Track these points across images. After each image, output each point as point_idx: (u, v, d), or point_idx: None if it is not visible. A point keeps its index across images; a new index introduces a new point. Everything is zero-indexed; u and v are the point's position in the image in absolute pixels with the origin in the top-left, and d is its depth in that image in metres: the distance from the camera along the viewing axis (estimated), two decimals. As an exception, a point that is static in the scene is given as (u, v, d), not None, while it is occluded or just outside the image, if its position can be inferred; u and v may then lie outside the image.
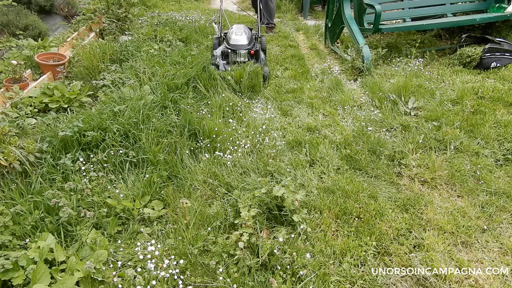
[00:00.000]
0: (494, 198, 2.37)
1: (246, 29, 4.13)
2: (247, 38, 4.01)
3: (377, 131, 3.10)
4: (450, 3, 4.78)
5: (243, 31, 4.05)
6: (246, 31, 4.08)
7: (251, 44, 4.02)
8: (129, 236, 2.13)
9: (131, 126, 2.76)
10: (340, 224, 2.19)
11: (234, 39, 3.96)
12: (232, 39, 3.97)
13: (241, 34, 4.00)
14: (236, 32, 4.04)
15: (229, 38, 4.03)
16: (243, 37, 3.99)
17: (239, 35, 3.99)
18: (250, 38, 4.06)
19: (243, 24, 4.32)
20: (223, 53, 3.97)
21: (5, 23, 4.33)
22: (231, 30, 4.10)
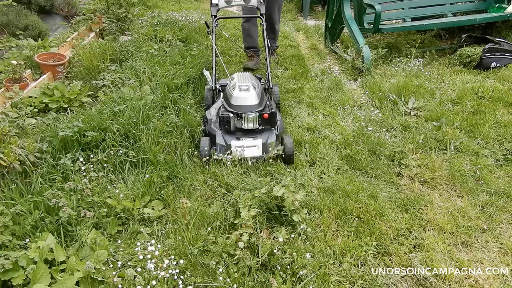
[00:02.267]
0: (494, 198, 2.37)
1: (253, 80, 2.91)
2: (256, 94, 2.75)
3: (377, 131, 3.10)
4: (450, 3, 4.78)
5: (250, 83, 2.81)
6: (254, 83, 2.85)
7: (262, 102, 2.77)
8: (129, 236, 2.13)
9: (131, 126, 2.76)
10: (340, 224, 2.19)
11: (238, 98, 2.72)
12: (234, 97, 2.73)
13: (247, 89, 2.76)
14: (241, 85, 2.78)
15: (229, 95, 2.77)
16: (251, 93, 2.74)
17: (245, 91, 2.75)
18: (261, 94, 2.81)
19: (249, 73, 3.09)
20: (222, 118, 2.69)
21: (5, 23, 4.33)
22: (233, 83, 2.85)
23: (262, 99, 2.78)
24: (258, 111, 2.68)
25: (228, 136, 2.70)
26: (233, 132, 2.72)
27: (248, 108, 2.68)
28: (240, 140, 2.67)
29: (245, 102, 2.69)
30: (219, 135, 2.70)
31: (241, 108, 2.68)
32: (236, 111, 2.68)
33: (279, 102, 3.37)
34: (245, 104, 2.69)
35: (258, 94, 2.75)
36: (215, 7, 3.42)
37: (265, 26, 3.37)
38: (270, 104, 2.81)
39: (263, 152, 2.64)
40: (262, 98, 2.80)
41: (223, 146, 2.66)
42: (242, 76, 2.95)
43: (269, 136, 2.70)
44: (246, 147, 2.62)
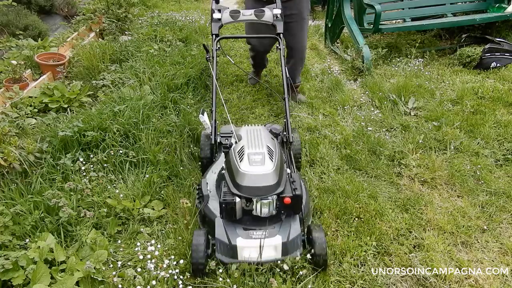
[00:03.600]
0: (494, 198, 2.37)
1: (268, 140, 2.04)
2: (274, 168, 1.85)
3: (377, 131, 3.10)
4: (450, 3, 4.78)
5: (264, 148, 1.93)
6: (270, 146, 1.97)
7: (282, 178, 1.88)
8: (129, 236, 2.13)
9: (131, 126, 2.76)
10: (340, 224, 2.19)
11: (248, 175, 1.82)
12: (243, 173, 1.83)
13: (261, 161, 1.86)
14: (251, 154, 1.89)
15: (235, 168, 1.86)
16: (267, 167, 1.85)
17: (258, 164, 1.85)
18: (280, 165, 1.91)
19: (261, 127, 2.26)
20: (225, 205, 1.82)
21: (5, 23, 4.33)
22: (240, 147, 1.96)
23: (281, 173, 1.88)
24: (277, 193, 1.81)
25: (232, 228, 1.84)
26: (239, 220, 1.87)
27: (263, 190, 1.79)
28: (250, 233, 1.83)
29: (258, 182, 1.79)
30: (219, 226, 1.85)
31: (252, 191, 1.79)
32: (244, 194, 1.79)
33: (300, 156, 2.52)
34: (258, 185, 1.79)
35: (277, 167, 1.85)
36: (216, 23, 2.52)
37: (283, 51, 2.45)
38: (292, 178, 1.87)
39: (282, 254, 1.82)
40: (282, 172, 1.89)
41: (226, 245, 1.80)
42: (253, 134, 2.07)
43: (292, 228, 1.84)
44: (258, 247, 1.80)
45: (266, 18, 2.50)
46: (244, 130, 2.15)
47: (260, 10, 2.46)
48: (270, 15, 2.48)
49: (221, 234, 1.84)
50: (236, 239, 1.80)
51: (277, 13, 2.46)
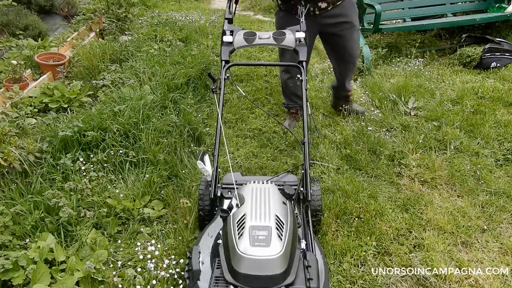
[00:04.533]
0: (494, 198, 2.37)
1: (277, 207, 1.56)
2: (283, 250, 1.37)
3: (377, 131, 3.10)
4: (450, 3, 4.78)
5: (271, 221, 1.46)
6: (279, 216, 1.50)
7: (292, 262, 1.41)
8: (129, 236, 2.13)
9: (131, 126, 2.76)
10: (340, 224, 2.19)
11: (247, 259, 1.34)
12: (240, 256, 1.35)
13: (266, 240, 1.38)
14: (255, 228, 1.42)
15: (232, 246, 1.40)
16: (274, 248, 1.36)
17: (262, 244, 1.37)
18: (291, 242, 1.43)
19: (271, 184, 1.76)
20: None
21: (5, 23, 4.33)
22: (241, 215, 1.50)
23: (292, 256, 1.42)
24: (287, 285, 1.36)
25: None
26: None
27: (266, 281, 1.33)
28: None
29: (260, 270, 1.34)
30: None
31: (251, 281, 1.34)
32: (242, 285, 1.35)
33: (320, 213, 2.02)
34: (261, 275, 1.33)
35: (287, 248, 1.39)
36: (227, 47, 2.18)
37: (305, 83, 2.03)
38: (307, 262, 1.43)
39: None
40: (293, 254, 1.43)
41: None
42: (259, 195, 1.61)
43: None
44: None
45: (287, 43, 2.08)
46: (248, 190, 1.66)
47: (280, 33, 2.09)
48: (292, 39, 2.06)
49: None
50: None
51: (300, 37, 2.06)
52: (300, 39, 2.07)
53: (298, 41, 2.08)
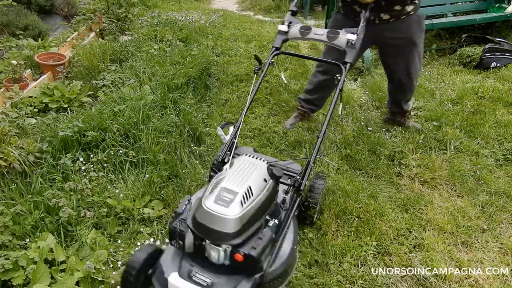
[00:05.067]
0: (494, 198, 2.37)
1: (257, 181, 1.66)
2: (241, 212, 1.53)
3: (377, 131, 3.10)
4: (450, 3, 4.78)
5: (243, 189, 1.58)
6: (253, 189, 1.61)
7: (247, 228, 1.57)
8: (129, 236, 2.13)
9: (131, 126, 2.76)
10: (340, 224, 2.19)
11: (205, 212, 1.53)
12: (202, 206, 1.55)
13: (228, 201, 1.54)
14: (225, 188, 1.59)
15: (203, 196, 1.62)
16: (231, 211, 1.51)
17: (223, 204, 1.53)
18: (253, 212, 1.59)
19: (263, 162, 1.82)
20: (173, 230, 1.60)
21: (5, 23, 4.33)
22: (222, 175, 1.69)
23: (250, 224, 1.57)
24: (232, 245, 1.51)
25: (178, 259, 1.61)
26: (190, 255, 1.61)
27: (213, 235, 1.51)
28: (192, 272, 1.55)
29: (212, 224, 1.51)
30: (168, 251, 1.64)
31: (202, 230, 1.53)
32: (195, 230, 1.55)
33: (316, 208, 2.11)
34: (210, 227, 1.51)
35: (245, 216, 1.54)
36: (282, 35, 2.28)
37: (341, 84, 2.05)
38: (262, 233, 1.57)
39: None
40: (252, 223, 1.59)
41: (161, 274, 1.56)
42: (245, 167, 1.74)
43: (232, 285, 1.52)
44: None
45: (338, 42, 2.11)
46: (241, 160, 1.81)
47: (335, 32, 2.12)
48: (344, 40, 2.09)
49: (164, 260, 1.60)
50: (171, 273, 1.53)
51: (351, 39, 2.07)
52: (352, 41, 2.07)
53: (349, 43, 2.09)
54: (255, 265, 1.51)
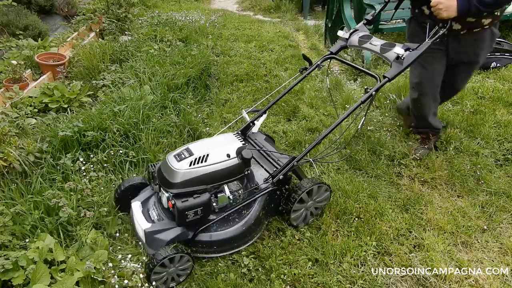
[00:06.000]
0: (494, 198, 2.37)
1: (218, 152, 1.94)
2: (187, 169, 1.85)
3: (377, 131, 3.10)
4: (450, 3, 4.77)
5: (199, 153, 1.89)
6: (211, 157, 1.90)
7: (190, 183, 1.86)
8: (129, 234, 2.13)
9: (131, 126, 2.76)
10: (340, 224, 2.19)
11: (165, 160, 1.92)
12: (167, 156, 1.94)
13: (184, 157, 1.88)
14: (189, 148, 1.94)
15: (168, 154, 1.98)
16: (181, 164, 1.85)
17: (178, 158, 1.89)
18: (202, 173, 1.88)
19: (240, 143, 2.06)
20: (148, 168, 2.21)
21: (5, 23, 4.33)
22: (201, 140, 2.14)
23: (194, 180, 1.84)
24: (172, 193, 1.83)
25: (147, 191, 2.09)
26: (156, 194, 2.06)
27: (164, 181, 1.87)
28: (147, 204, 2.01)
29: (165, 172, 1.86)
30: (148, 187, 2.12)
31: (159, 176, 1.91)
32: (156, 175, 1.96)
33: (291, 205, 2.06)
34: (164, 175, 1.86)
35: (191, 173, 1.83)
36: (342, 42, 2.35)
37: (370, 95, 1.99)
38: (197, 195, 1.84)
39: (146, 241, 1.88)
40: (194, 182, 1.84)
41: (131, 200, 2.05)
42: (220, 140, 2.07)
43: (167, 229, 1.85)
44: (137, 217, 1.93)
45: (388, 56, 2.05)
46: (223, 135, 2.14)
47: (390, 44, 2.05)
48: (393, 54, 2.02)
49: (142, 191, 2.11)
50: (136, 200, 2.03)
51: (399, 53, 1.98)
52: (401, 56, 1.98)
53: (399, 57, 2.00)
54: (180, 216, 1.80)
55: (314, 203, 2.14)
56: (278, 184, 2.04)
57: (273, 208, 2.12)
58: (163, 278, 1.78)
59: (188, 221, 1.83)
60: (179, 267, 1.80)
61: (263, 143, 2.27)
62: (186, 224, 1.84)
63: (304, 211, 2.13)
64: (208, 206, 1.86)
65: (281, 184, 2.05)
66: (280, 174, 2.00)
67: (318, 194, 2.12)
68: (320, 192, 2.13)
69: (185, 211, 1.79)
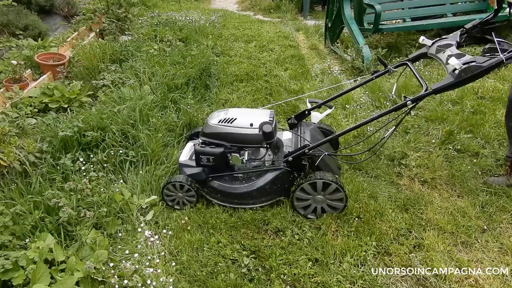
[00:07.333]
0: (494, 198, 2.36)
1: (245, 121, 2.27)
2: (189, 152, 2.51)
3: (377, 131, 3.10)
4: (450, 3, 4.78)
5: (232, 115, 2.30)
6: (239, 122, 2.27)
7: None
8: (129, 235, 2.13)
9: (130, 126, 2.76)
10: (340, 224, 2.19)
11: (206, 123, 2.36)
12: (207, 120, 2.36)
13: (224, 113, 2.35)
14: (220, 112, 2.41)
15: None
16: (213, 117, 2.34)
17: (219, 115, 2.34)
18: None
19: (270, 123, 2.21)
20: None
21: (5, 23, 4.33)
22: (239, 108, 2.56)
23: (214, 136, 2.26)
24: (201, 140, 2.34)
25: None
26: None
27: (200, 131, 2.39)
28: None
29: (204, 123, 2.39)
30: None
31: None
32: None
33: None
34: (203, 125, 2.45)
35: (215, 127, 2.24)
36: (421, 49, 2.35)
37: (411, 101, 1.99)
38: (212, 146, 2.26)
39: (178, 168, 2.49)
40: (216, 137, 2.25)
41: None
42: (259, 112, 2.35)
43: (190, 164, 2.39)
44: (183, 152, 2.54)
45: (448, 67, 1.92)
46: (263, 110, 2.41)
47: (459, 55, 1.91)
48: (451, 67, 1.87)
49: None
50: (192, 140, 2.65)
51: (455, 66, 1.83)
52: (455, 69, 1.82)
53: (453, 70, 1.84)
54: (196, 157, 2.27)
55: (325, 200, 2.17)
56: (290, 166, 2.20)
57: (285, 188, 2.25)
58: (172, 197, 2.29)
59: (202, 164, 2.27)
60: (185, 196, 2.27)
61: (310, 132, 2.41)
62: (202, 166, 2.28)
63: (313, 203, 2.19)
64: (219, 158, 2.23)
65: (293, 167, 2.20)
66: (290, 156, 2.17)
67: (327, 191, 2.13)
68: (329, 190, 2.13)
69: (199, 155, 2.24)
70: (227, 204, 2.28)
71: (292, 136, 2.46)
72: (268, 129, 2.13)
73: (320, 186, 2.11)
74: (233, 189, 2.25)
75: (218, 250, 2.01)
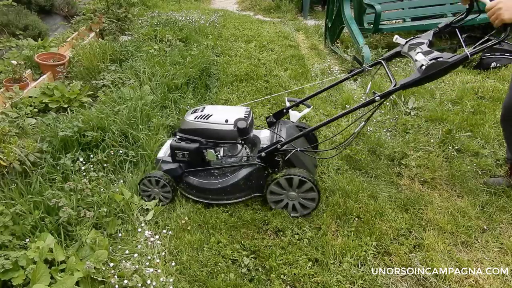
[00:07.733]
0: (494, 198, 2.36)
1: (220, 118, 2.27)
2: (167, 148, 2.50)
3: (377, 131, 3.10)
4: (450, 3, 4.78)
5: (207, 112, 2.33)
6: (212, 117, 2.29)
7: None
8: (129, 235, 2.13)
9: (130, 126, 2.76)
10: (340, 224, 2.19)
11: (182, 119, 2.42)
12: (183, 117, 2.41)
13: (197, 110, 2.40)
14: (196, 108, 2.44)
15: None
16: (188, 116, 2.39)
17: (195, 111, 2.40)
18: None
19: (246, 118, 2.27)
20: None
21: (5, 23, 4.33)
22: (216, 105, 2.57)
23: (190, 132, 2.31)
24: (178, 136, 2.38)
25: None
26: None
27: (178, 127, 2.49)
28: None
29: (181, 119, 2.45)
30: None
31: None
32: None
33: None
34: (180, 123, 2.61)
35: (191, 123, 2.28)
36: (398, 48, 2.38)
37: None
38: (188, 142, 2.31)
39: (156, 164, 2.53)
40: (191, 133, 2.30)
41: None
42: (236, 109, 2.38)
43: (167, 160, 2.42)
44: (163, 147, 2.60)
45: (416, 63, 1.92)
46: (239, 106, 2.47)
47: (427, 52, 1.90)
48: (419, 63, 1.87)
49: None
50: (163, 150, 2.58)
51: (422, 62, 1.83)
52: (422, 64, 1.82)
53: (420, 66, 1.84)
54: (172, 153, 2.30)
55: (298, 198, 2.18)
56: (264, 162, 2.20)
57: (260, 184, 2.25)
58: (148, 192, 2.32)
59: (177, 159, 2.30)
60: (161, 191, 2.30)
61: (286, 130, 2.39)
62: (177, 162, 2.31)
63: (285, 199, 2.21)
64: (194, 154, 2.27)
65: (267, 163, 2.20)
66: (263, 152, 2.17)
67: (301, 189, 2.15)
68: (303, 188, 2.14)
69: (174, 150, 2.27)
70: (202, 200, 2.29)
71: (269, 134, 2.49)
72: (243, 125, 2.17)
73: (296, 183, 2.12)
74: (208, 185, 2.27)
75: (218, 250, 2.01)
